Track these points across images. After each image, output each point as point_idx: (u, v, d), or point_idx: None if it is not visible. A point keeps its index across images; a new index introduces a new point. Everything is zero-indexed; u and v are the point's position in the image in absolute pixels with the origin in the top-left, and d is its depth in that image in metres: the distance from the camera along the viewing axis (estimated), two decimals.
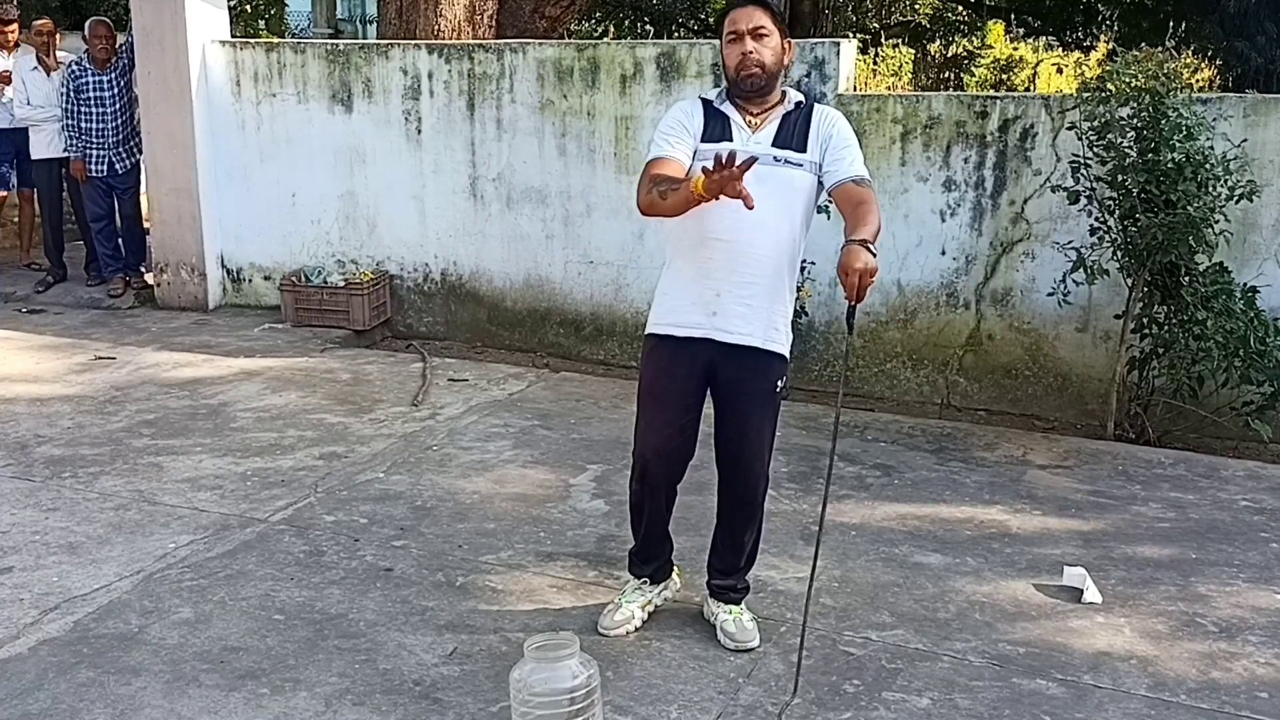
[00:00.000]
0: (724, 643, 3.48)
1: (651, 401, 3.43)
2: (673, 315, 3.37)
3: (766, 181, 3.23)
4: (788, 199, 3.29)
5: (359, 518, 4.40)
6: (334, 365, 6.47)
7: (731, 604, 3.56)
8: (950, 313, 6.15)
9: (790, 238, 3.33)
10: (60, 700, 3.19)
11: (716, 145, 3.25)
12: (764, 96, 3.33)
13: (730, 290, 3.29)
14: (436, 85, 7.08)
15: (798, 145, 3.30)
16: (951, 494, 4.71)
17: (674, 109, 3.42)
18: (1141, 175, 5.10)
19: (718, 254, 3.28)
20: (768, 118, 3.33)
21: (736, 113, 3.33)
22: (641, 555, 3.63)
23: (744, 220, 3.21)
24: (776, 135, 3.30)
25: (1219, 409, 5.43)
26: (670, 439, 3.41)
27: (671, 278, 3.41)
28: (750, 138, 3.29)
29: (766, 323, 3.33)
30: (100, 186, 7.79)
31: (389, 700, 3.20)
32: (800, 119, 3.34)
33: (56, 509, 4.46)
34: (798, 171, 3.29)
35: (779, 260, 3.32)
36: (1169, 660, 3.45)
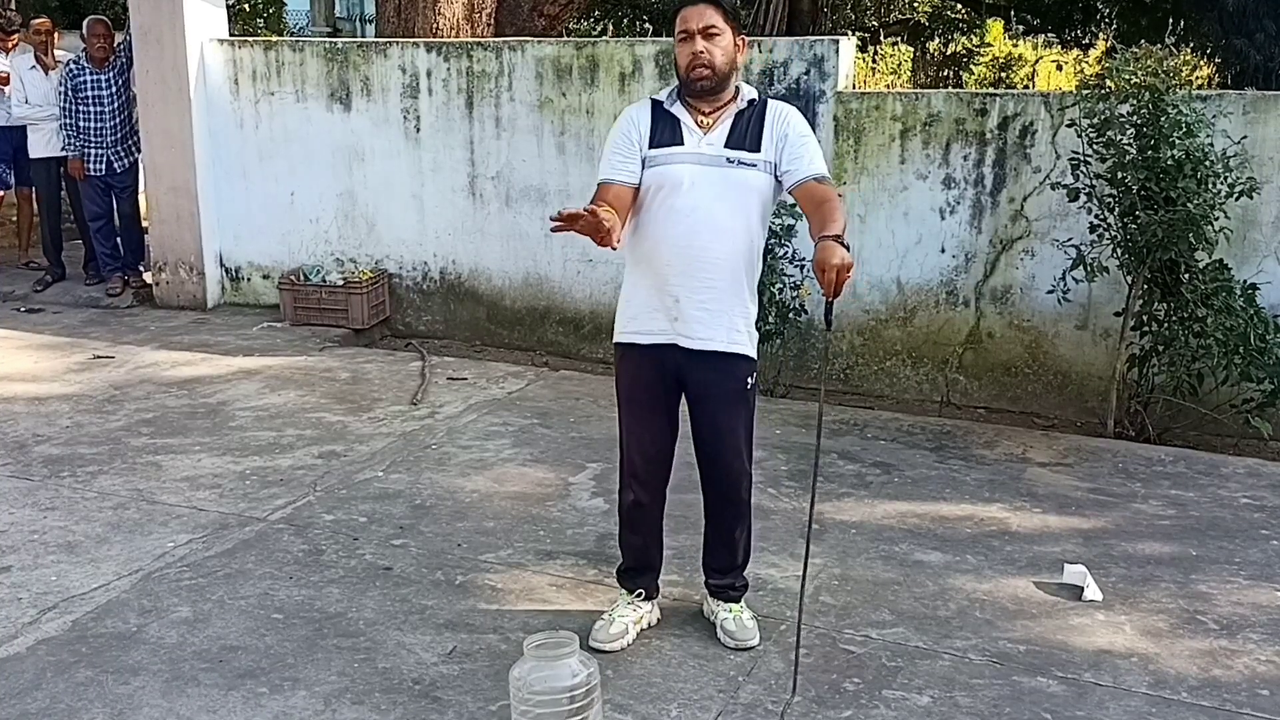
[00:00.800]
0: (724, 641, 3.47)
1: (631, 408, 3.44)
2: (636, 323, 3.37)
3: (721, 183, 3.23)
4: (743, 200, 3.26)
5: (358, 516, 4.40)
6: (333, 364, 6.46)
7: (731, 602, 3.55)
8: (950, 310, 6.14)
9: (747, 239, 3.29)
10: (59, 700, 3.18)
11: (667, 150, 3.24)
12: (715, 96, 3.28)
13: (688, 296, 3.27)
14: (435, 84, 7.08)
15: (751, 145, 3.26)
16: (951, 492, 4.70)
17: (621, 119, 3.36)
18: (1141, 172, 5.09)
19: (674, 260, 3.25)
20: (720, 117, 3.28)
21: (687, 113, 3.29)
22: (636, 568, 3.59)
23: (699, 225, 3.21)
24: (729, 135, 3.26)
25: (1219, 406, 5.43)
26: (654, 441, 3.43)
27: (632, 285, 3.40)
28: (702, 139, 3.26)
29: (728, 325, 3.30)
30: (98, 185, 7.77)
31: (388, 699, 3.20)
32: (753, 117, 3.29)
33: (55, 508, 4.46)
34: (752, 172, 3.26)
35: (736, 263, 3.29)
36: (1170, 658, 3.44)
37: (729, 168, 3.24)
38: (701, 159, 3.24)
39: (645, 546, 3.57)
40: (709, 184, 3.22)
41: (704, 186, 3.22)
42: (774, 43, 6.48)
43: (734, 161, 3.24)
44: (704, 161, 3.24)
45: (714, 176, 3.23)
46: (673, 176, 3.23)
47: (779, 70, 6.26)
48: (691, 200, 3.22)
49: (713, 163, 3.24)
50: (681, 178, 3.23)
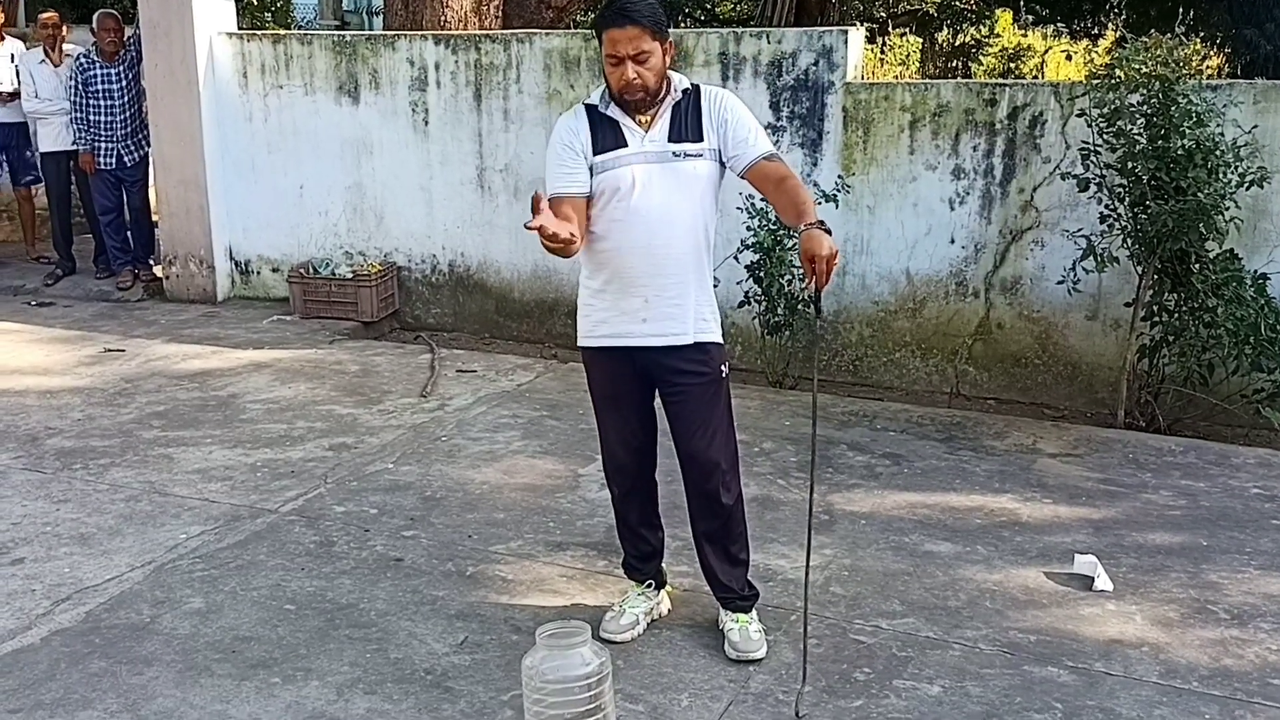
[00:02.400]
0: (728, 653, 3.40)
1: (605, 404, 3.44)
2: (604, 327, 3.34)
3: (671, 178, 3.22)
4: (694, 191, 3.26)
5: (369, 508, 4.41)
6: (343, 357, 6.48)
7: (739, 612, 3.48)
8: (959, 301, 6.13)
9: (703, 227, 3.30)
10: (72, 690, 3.20)
11: (613, 153, 3.21)
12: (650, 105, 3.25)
13: (657, 295, 3.26)
14: (443, 76, 7.08)
15: (693, 135, 3.25)
16: (961, 482, 4.70)
17: (558, 131, 3.30)
18: (1151, 162, 5.07)
19: (638, 262, 3.24)
20: (657, 113, 3.25)
21: (624, 115, 3.25)
22: (639, 557, 3.59)
23: (657, 225, 3.21)
24: (670, 129, 3.24)
25: (1230, 396, 5.41)
26: (634, 434, 3.43)
27: (595, 289, 3.35)
28: (645, 137, 3.23)
29: (696, 315, 3.30)
30: (108, 179, 7.79)
31: (400, 689, 3.21)
32: (690, 106, 3.27)
33: (67, 500, 4.48)
34: (699, 162, 3.25)
35: (697, 253, 3.29)
36: (1180, 647, 3.44)
37: (676, 161, 3.23)
38: (648, 157, 3.22)
39: (643, 536, 3.57)
40: (660, 181, 3.21)
41: (656, 184, 3.21)
42: (782, 34, 6.47)
43: (680, 154, 3.23)
44: (651, 159, 3.22)
45: (663, 172, 3.21)
46: (623, 179, 3.21)
47: (787, 61, 6.25)
48: (646, 200, 3.21)
49: (659, 159, 3.22)
50: (632, 179, 3.21)
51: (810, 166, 6.26)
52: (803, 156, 6.27)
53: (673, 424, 3.40)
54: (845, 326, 6.37)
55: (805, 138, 6.26)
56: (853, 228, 6.24)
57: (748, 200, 5.94)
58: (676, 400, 3.35)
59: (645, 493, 3.54)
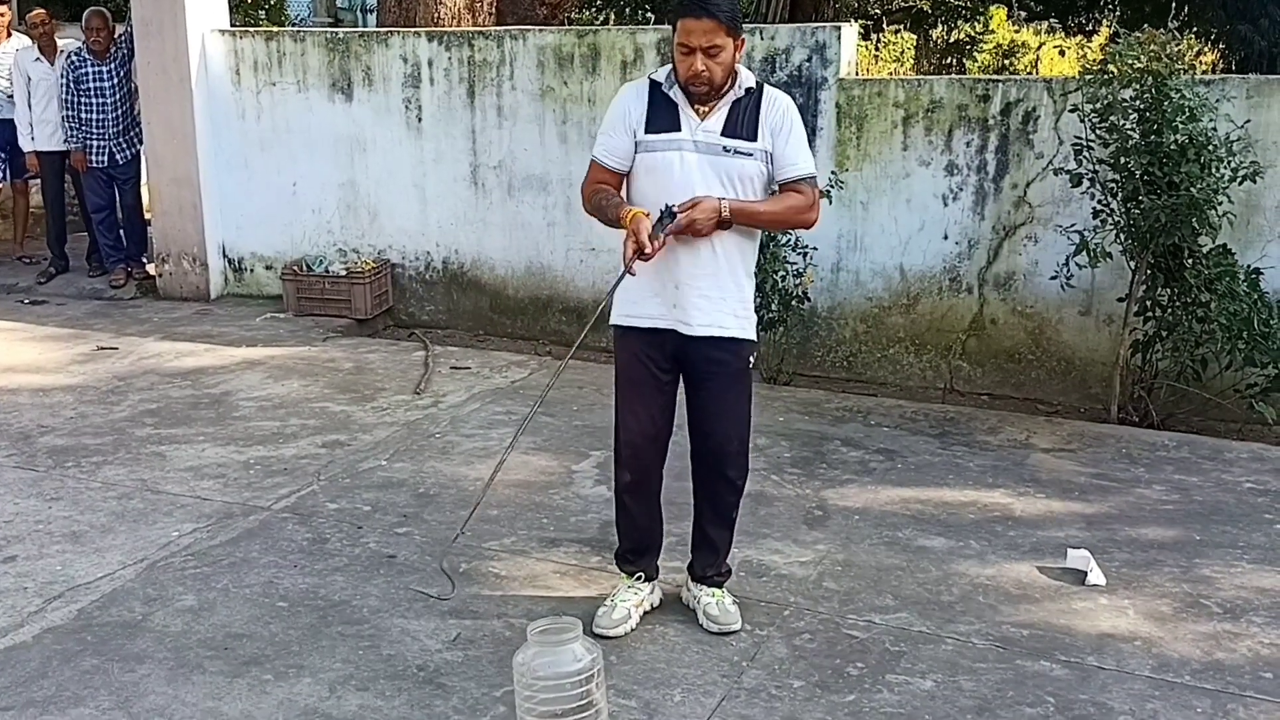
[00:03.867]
0: (706, 625, 3.46)
1: (629, 388, 3.45)
2: (636, 307, 3.37)
3: (717, 171, 3.24)
4: (739, 188, 3.27)
5: (362, 505, 4.40)
6: (336, 354, 6.47)
7: (713, 586, 3.54)
8: (953, 297, 6.14)
9: (749, 229, 3.33)
10: (64, 688, 3.20)
11: (664, 135, 3.25)
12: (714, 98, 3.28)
13: (688, 283, 3.29)
14: (437, 73, 7.07)
15: (748, 134, 3.27)
16: (955, 478, 4.70)
17: (621, 97, 3.37)
18: (1144, 157, 5.07)
19: (674, 248, 3.26)
20: (717, 104, 3.27)
21: (685, 100, 3.27)
22: (635, 550, 3.58)
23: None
24: (726, 124, 3.26)
25: (1223, 392, 5.42)
26: (653, 421, 3.44)
27: None
28: (699, 126, 3.26)
29: (727, 310, 3.32)
30: (101, 177, 7.77)
31: (393, 686, 3.20)
32: (750, 105, 3.28)
33: (60, 498, 4.47)
34: (748, 161, 3.27)
35: (734, 250, 3.32)
36: (1173, 641, 3.45)
37: (725, 156, 3.25)
38: (698, 146, 3.25)
39: (644, 528, 3.57)
40: (705, 171, 3.24)
41: (701, 174, 3.23)
42: (776, 30, 6.46)
43: (730, 150, 3.25)
44: (700, 149, 3.25)
45: (710, 164, 3.24)
46: (670, 162, 3.25)
47: (781, 57, 6.24)
48: (688, 188, 3.23)
49: (709, 150, 3.25)
50: (679, 164, 3.24)
51: None
52: None
53: (693, 406, 3.44)
54: (839, 322, 6.38)
55: None
56: (846, 223, 6.24)
57: None
58: (700, 385, 3.40)
59: (653, 484, 3.54)
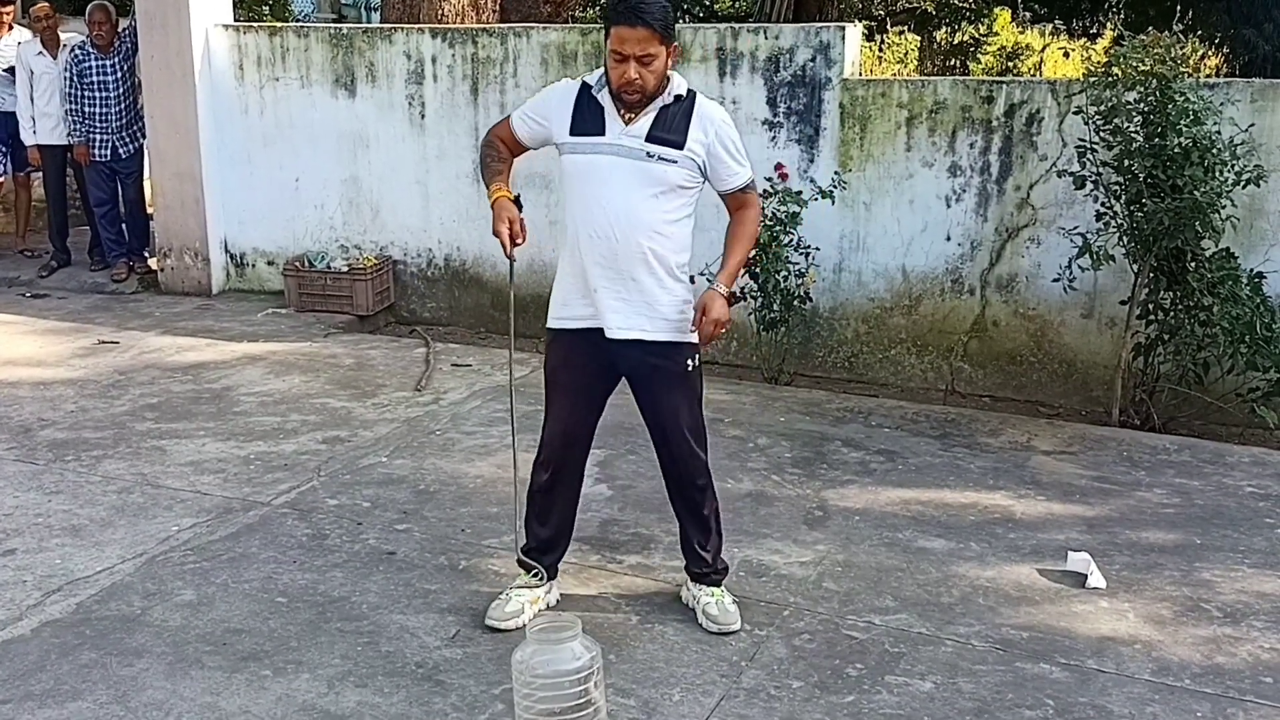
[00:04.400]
0: (706, 625, 3.46)
1: (556, 390, 3.44)
2: (565, 309, 3.39)
3: (639, 176, 3.22)
4: (662, 193, 3.25)
5: (362, 501, 4.40)
6: (337, 350, 6.46)
7: (712, 586, 3.54)
8: (955, 299, 6.13)
9: (672, 232, 3.30)
10: (62, 681, 3.19)
11: (589, 139, 3.24)
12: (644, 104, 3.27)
13: (605, 285, 3.28)
14: (440, 70, 7.06)
15: (674, 141, 3.24)
16: (955, 479, 4.70)
17: (553, 88, 3.42)
18: (1148, 160, 5.07)
19: (594, 249, 3.27)
20: (644, 109, 3.24)
21: (612, 103, 3.25)
22: (539, 549, 3.54)
23: (616, 217, 3.22)
24: (651, 129, 3.23)
25: (1224, 395, 5.41)
26: (576, 424, 3.43)
27: (561, 271, 3.44)
28: (623, 130, 3.23)
29: (652, 314, 3.30)
30: (103, 171, 7.77)
31: (391, 682, 3.20)
32: (680, 113, 3.26)
33: (60, 492, 4.46)
34: (671, 168, 3.24)
35: (656, 254, 3.28)
36: (1173, 645, 3.44)
37: (648, 162, 3.22)
38: (620, 150, 3.22)
39: (552, 528, 3.54)
40: (626, 176, 3.21)
41: (621, 178, 3.21)
42: (780, 30, 6.45)
43: (653, 156, 3.22)
44: (622, 153, 3.22)
45: (632, 169, 3.21)
46: (592, 166, 3.24)
47: (785, 57, 6.23)
48: (609, 192, 3.22)
49: (631, 155, 3.22)
50: (600, 168, 3.22)
51: (807, 163, 6.25)
52: (799, 153, 6.26)
53: (642, 411, 3.45)
54: (841, 323, 6.37)
55: (802, 134, 6.25)
56: (849, 224, 6.24)
57: None
58: (643, 389, 3.41)
59: (570, 486, 3.53)
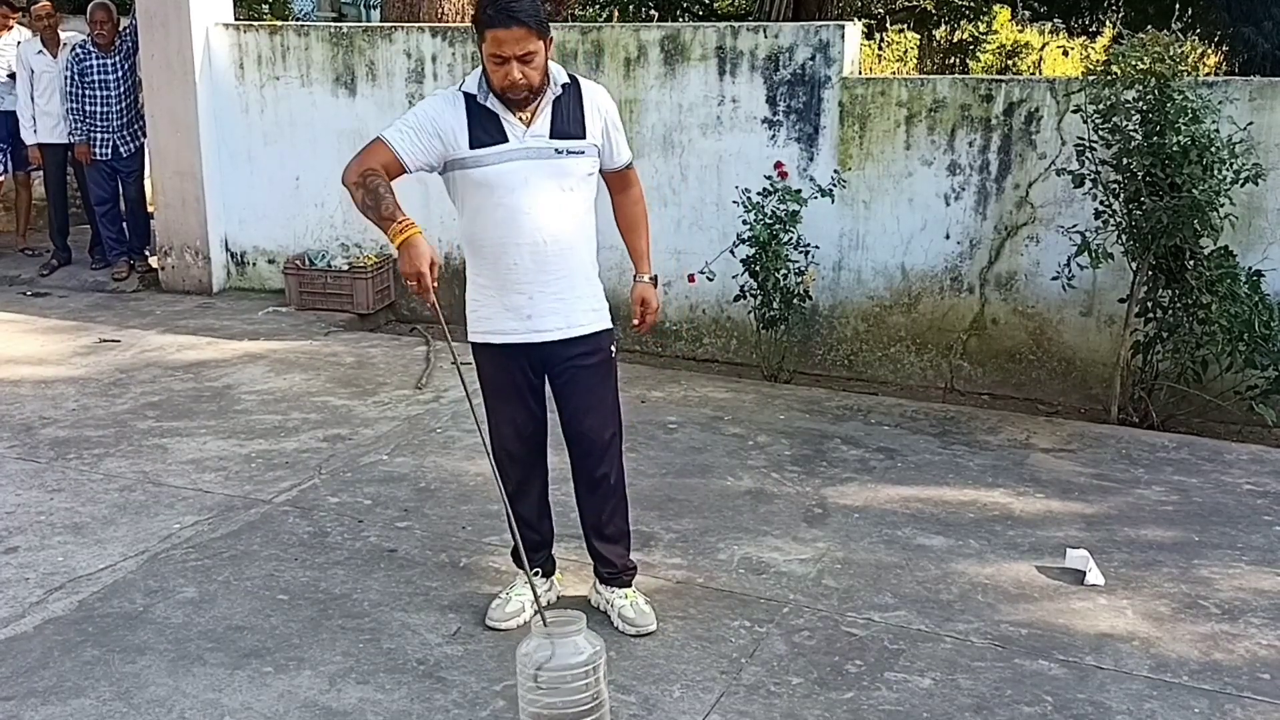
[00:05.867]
0: (623, 629, 3.43)
1: (496, 399, 3.40)
2: (490, 324, 3.33)
3: (552, 175, 3.21)
4: (575, 187, 3.26)
5: (363, 499, 4.41)
6: (338, 349, 6.48)
7: (624, 588, 3.53)
8: (954, 297, 6.14)
9: (586, 222, 3.33)
10: (65, 678, 3.21)
11: (493, 149, 3.16)
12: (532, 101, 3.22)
13: (540, 291, 3.26)
14: (440, 68, 7.07)
15: (576, 131, 3.24)
16: (955, 477, 4.71)
17: (431, 103, 3.25)
18: (1147, 158, 5.08)
19: (522, 259, 3.23)
20: (538, 108, 3.21)
21: (504, 109, 3.18)
22: (528, 546, 3.49)
23: (541, 221, 3.20)
24: (553, 126, 3.21)
25: (1223, 393, 5.43)
26: (526, 423, 3.41)
27: (481, 287, 3.35)
28: (526, 133, 3.19)
29: (581, 308, 3.32)
30: (104, 170, 7.78)
31: (393, 679, 3.21)
32: (571, 102, 3.25)
33: (61, 490, 4.48)
34: (580, 159, 3.25)
35: (580, 247, 3.31)
36: (1171, 642, 3.45)
37: (559, 158, 3.21)
38: (529, 153, 3.19)
39: (534, 527, 3.54)
40: (542, 177, 3.20)
41: (538, 181, 3.19)
42: (780, 28, 6.46)
43: (562, 151, 3.21)
44: (532, 155, 3.19)
45: (545, 169, 3.20)
46: (504, 176, 3.18)
47: (784, 56, 6.24)
48: (529, 198, 3.19)
49: (541, 155, 3.19)
50: (514, 176, 3.18)
51: (806, 161, 6.26)
52: (799, 151, 6.27)
53: (563, 405, 3.41)
54: (840, 321, 6.38)
55: (801, 132, 6.26)
56: (848, 222, 6.25)
57: (744, 194, 5.95)
58: (566, 383, 3.38)
59: (538, 483, 3.52)
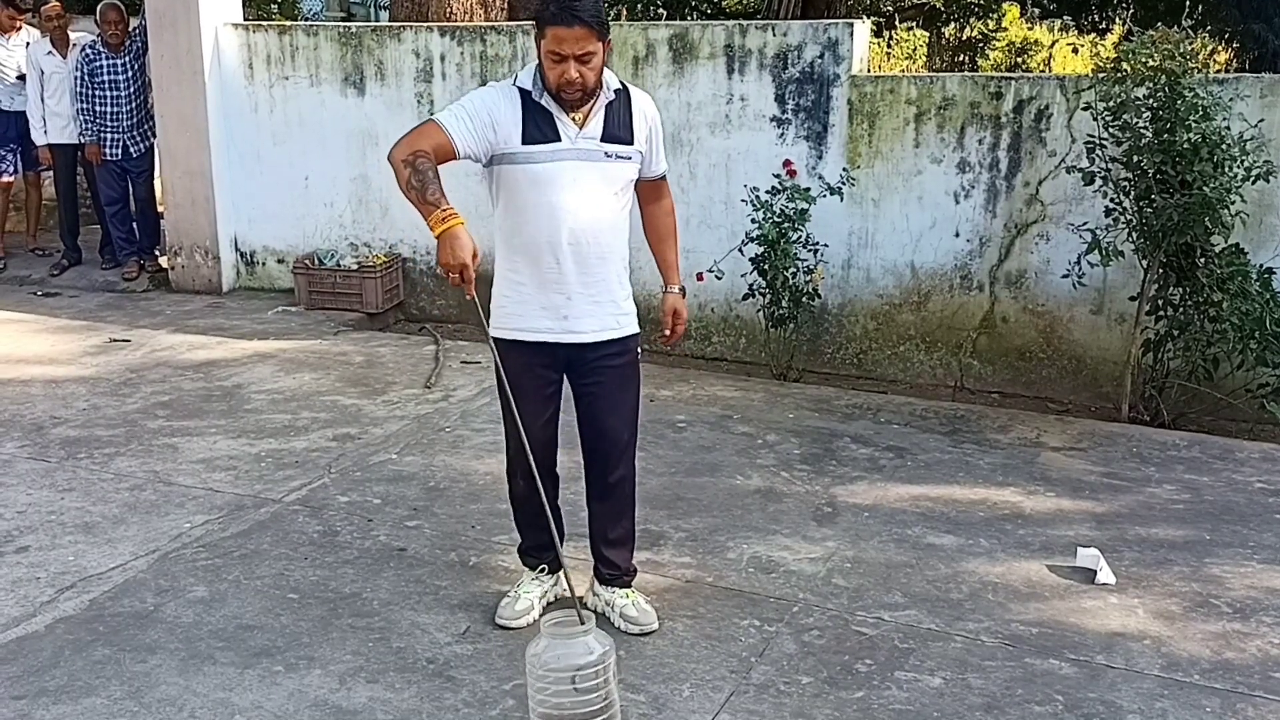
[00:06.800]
0: (625, 628, 3.43)
1: (519, 398, 3.26)
2: (523, 320, 3.29)
3: (600, 177, 3.22)
4: (621, 192, 3.28)
5: (372, 498, 4.42)
6: (347, 348, 6.49)
7: (626, 588, 3.53)
8: (964, 295, 6.13)
9: (624, 227, 3.34)
10: (76, 677, 3.21)
11: (546, 146, 3.15)
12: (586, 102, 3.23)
13: (580, 292, 3.26)
14: (449, 68, 7.08)
15: (625, 137, 3.26)
16: (965, 476, 4.70)
17: (489, 93, 3.23)
18: (1157, 156, 5.06)
19: (565, 259, 3.23)
20: (591, 110, 3.21)
21: (558, 108, 3.17)
22: (538, 546, 3.55)
23: (586, 222, 3.21)
24: (604, 129, 3.22)
25: (1234, 391, 5.41)
26: (544, 428, 3.39)
27: (515, 284, 3.31)
28: (578, 134, 3.19)
29: (615, 311, 3.33)
30: (114, 170, 7.80)
31: (402, 678, 3.22)
32: (622, 108, 3.26)
33: (72, 489, 4.49)
34: (628, 165, 3.27)
35: (619, 250, 3.33)
36: (1182, 641, 3.44)
37: (608, 162, 3.22)
38: (580, 154, 3.19)
39: (544, 527, 3.47)
40: (590, 179, 3.20)
41: (586, 182, 3.20)
42: (788, 26, 6.46)
43: (611, 155, 3.23)
44: (583, 157, 3.19)
45: (594, 171, 3.20)
46: (554, 174, 3.17)
47: (793, 54, 6.24)
48: (576, 198, 3.19)
49: (591, 157, 3.20)
50: (564, 175, 3.18)
51: (815, 159, 6.25)
52: (808, 149, 6.26)
53: (585, 405, 3.40)
54: (850, 319, 6.37)
55: (810, 130, 6.26)
56: (857, 221, 6.24)
57: (753, 192, 5.95)
58: (594, 385, 3.36)
59: (551, 483, 3.51)
